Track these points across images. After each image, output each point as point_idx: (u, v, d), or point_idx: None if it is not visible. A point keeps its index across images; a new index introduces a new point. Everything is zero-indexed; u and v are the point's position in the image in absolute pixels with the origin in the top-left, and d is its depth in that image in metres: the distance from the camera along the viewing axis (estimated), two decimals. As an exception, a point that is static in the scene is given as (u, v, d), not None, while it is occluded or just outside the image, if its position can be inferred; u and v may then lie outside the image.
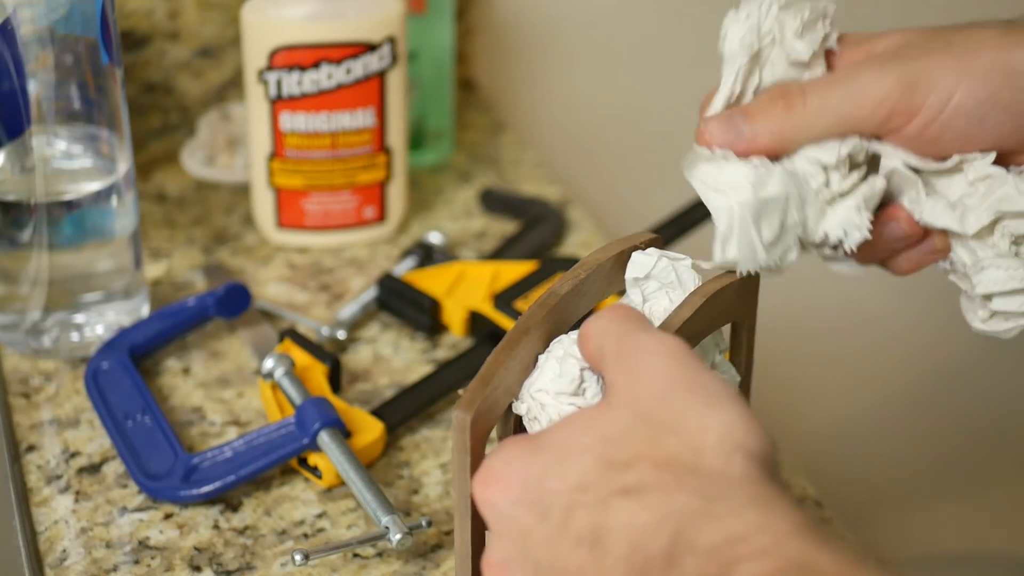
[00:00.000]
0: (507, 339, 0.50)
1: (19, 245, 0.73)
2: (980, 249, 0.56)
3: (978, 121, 0.54)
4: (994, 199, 0.55)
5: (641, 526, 0.41)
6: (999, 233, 0.56)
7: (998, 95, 0.53)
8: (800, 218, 0.55)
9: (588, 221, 0.93)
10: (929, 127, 0.54)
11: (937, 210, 0.56)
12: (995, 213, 0.55)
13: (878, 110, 0.54)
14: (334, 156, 0.85)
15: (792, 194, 0.54)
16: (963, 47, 0.54)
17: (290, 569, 0.62)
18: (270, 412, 0.71)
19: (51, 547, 0.63)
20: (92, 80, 0.71)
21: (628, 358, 0.46)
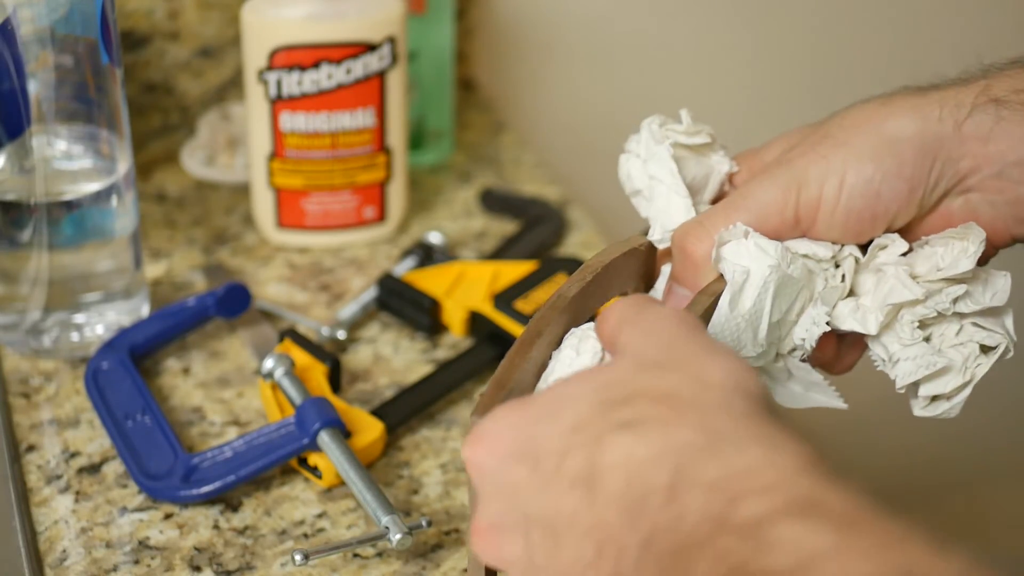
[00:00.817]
0: (520, 342, 0.50)
1: (19, 245, 0.73)
2: (889, 343, 0.57)
3: (874, 196, 0.56)
4: (882, 296, 0.56)
5: (639, 460, 0.40)
6: (900, 323, 0.57)
7: (884, 167, 0.55)
8: (798, 313, 0.56)
9: (588, 221, 0.93)
10: (834, 215, 0.56)
11: (842, 315, 0.57)
12: (886, 309, 0.56)
13: (784, 216, 0.56)
14: (334, 156, 0.85)
15: (805, 284, 0.56)
16: (840, 134, 0.57)
17: (290, 569, 0.62)
18: (270, 412, 0.71)
19: (51, 547, 0.63)
20: (92, 80, 0.71)
21: (640, 322, 0.46)
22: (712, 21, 1.18)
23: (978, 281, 0.57)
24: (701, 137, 0.60)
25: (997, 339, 0.57)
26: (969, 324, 0.57)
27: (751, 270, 0.54)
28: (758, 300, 0.54)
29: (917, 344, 0.56)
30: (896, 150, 0.55)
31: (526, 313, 0.77)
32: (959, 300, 0.56)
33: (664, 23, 1.16)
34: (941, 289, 0.56)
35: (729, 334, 0.54)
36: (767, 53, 1.20)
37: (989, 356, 0.57)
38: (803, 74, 1.21)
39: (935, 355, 0.56)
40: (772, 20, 1.19)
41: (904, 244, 0.57)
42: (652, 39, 1.16)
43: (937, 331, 0.57)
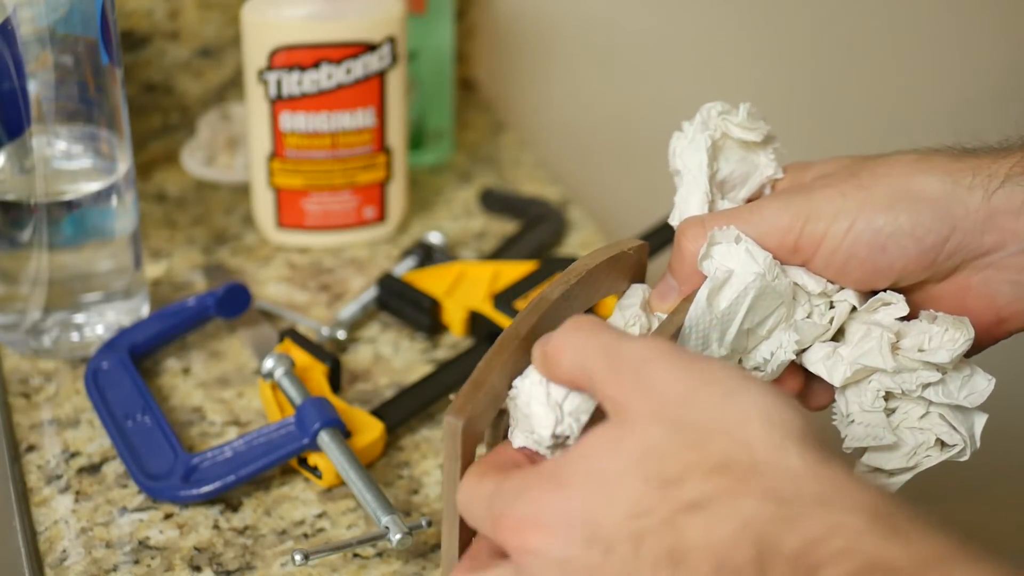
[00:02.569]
0: (498, 344, 0.50)
1: (19, 245, 0.73)
2: (850, 402, 0.56)
3: (879, 249, 0.54)
4: (858, 353, 0.55)
5: (720, 539, 0.40)
6: (867, 387, 0.56)
7: (897, 222, 0.54)
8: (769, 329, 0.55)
9: (588, 221, 0.93)
10: (835, 255, 0.55)
11: (814, 357, 0.56)
12: (856, 367, 0.55)
13: (785, 240, 0.55)
14: (334, 156, 0.85)
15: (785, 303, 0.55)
16: (867, 177, 0.55)
17: (290, 569, 0.62)
18: (270, 412, 0.71)
19: (51, 547, 0.63)
20: (92, 80, 0.71)
21: (626, 371, 0.44)
22: (713, 21, 1.18)
23: (960, 375, 0.55)
24: (752, 135, 0.59)
25: (956, 439, 0.55)
26: (936, 414, 0.55)
27: (735, 272, 0.54)
28: (735, 302, 0.54)
29: (875, 413, 0.55)
30: (915, 208, 0.54)
31: (526, 313, 0.77)
32: (929, 387, 0.55)
33: (664, 23, 1.16)
34: (915, 370, 0.55)
35: (701, 329, 0.54)
36: (768, 53, 1.20)
37: (943, 452, 0.55)
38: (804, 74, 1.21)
39: (887, 431, 0.55)
40: (773, 20, 1.19)
41: (905, 308, 0.55)
42: (652, 39, 1.16)
43: (903, 408, 0.56)
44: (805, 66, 1.21)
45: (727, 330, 0.54)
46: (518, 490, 0.44)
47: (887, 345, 0.55)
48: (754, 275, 0.54)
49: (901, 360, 0.55)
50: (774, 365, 0.55)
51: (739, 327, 0.54)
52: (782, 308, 0.55)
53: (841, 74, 1.23)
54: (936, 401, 0.55)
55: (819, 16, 1.20)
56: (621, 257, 0.55)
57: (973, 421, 0.56)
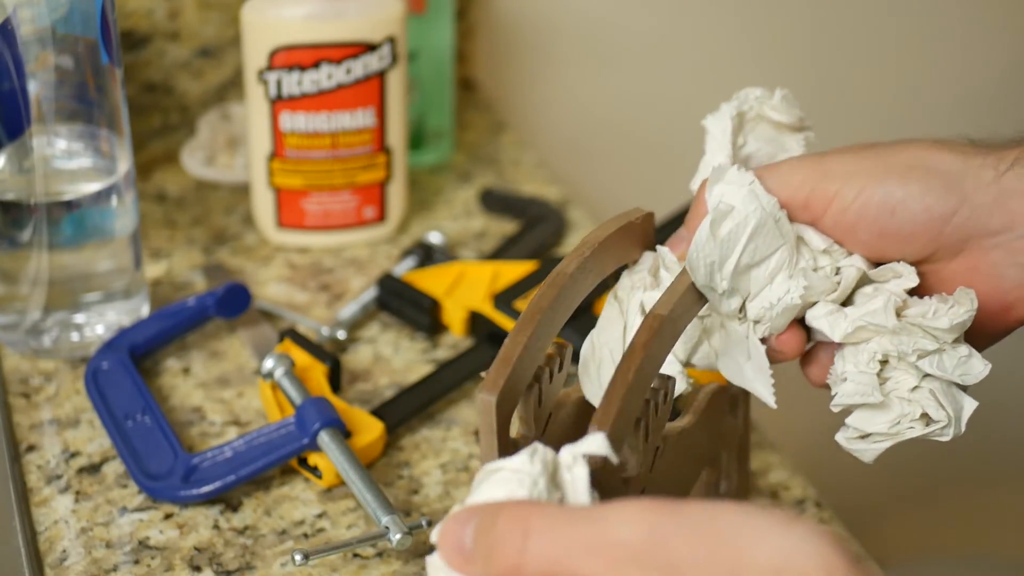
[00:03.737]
0: (523, 319, 0.51)
1: (19, 245, 0.73)
2: (846, 361, 0.57)
3: (889, 212, 0.55)
4: (863, 311, 0.56)
5: None
6: (864, 349, 0.56)
7: (911, 187, 0.55)
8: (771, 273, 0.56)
9: (588, 221, 0.93)
10: (844, 215, 0.55)
11: (818, 313, 0.57)
12: (859, 324, 0.55)
13: (797, 194, 0.56)
14: (334, 156, 0.85)
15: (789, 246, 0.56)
16: (884, 149, 0.56)
17: (290, 569, 0.62)
18: (270, 412, 0.71)
19: (51, 547, 0.63)
20: (92, 80, 0.71)
21: (627, 559, 0.39)
22: (713, 21, 1.18)
23: (957, 353, 0.56)
24: (783, 116, 0.61)
25: (941, 416, 0.56)
26: (927, 389, 0.56)
27: (736, 207, 0.55)
28: (735, 230, 0.54)
29: (868, 374, 0.56)
30: (926, 178, 0.55)
31: (526, 313, 0.77)
32: (926, 357, 0.55)
33: (664, 23, 1.16)
34: (914, 335, 0.55)
35: (704, 257, 0.54)
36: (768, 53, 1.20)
37: (927, 427, 0.56)
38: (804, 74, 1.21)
39: (876, 390, 0.56)
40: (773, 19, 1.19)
41: (915, 279, 0.56)
42: (652, 39, 1.16)
43: (896, 378, 0.56)
44: (805, 66, 1.21)
45: (727, 259, 0.55)
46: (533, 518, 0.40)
47: (892, 306, 0.55)
48: (756, 206, 0.54)
49: (902, 322, 0.55)
50: (779, 309, 0.56)
51: (739, 259, 0.55)
52: (784, 251, 0.55)
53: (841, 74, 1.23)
54: (930, 372, 0.55)
55: (819, 16, 1.20)
56: (629, 227, 0.57)
57: (963, 404, 0.56)
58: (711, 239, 0.54)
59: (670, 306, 0.53)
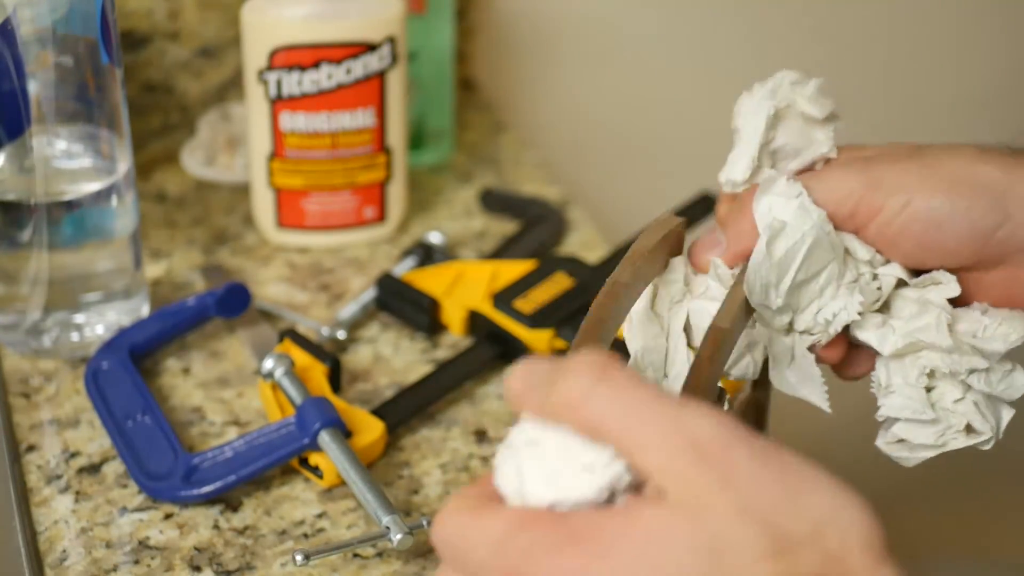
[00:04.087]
0: (584, 331, 0.50)
1: (19, 245, 0.73)
2: (893, 374, 0.57)
3: (935, 226, 0.55)
4: (914, 327, 0.56)
5: None
6: (913, 362, 0.57)
7: (956, 203, 0.55)
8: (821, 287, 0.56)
9: (588, 221, 0.93)
10: (890, 226, 0.56)
11: (866, 325, 0.57)
12: (910, 340, 0.56)
13: (844, 204, 0.56)
14: (334, 156, 0.85)
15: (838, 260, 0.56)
16: (932, 158, 0.57)
17: (290, 569, 0.62)
18: (270, 412, 0.71)
19: (51, 547, 0.63)
20: (92, 80, 0.71)
21: (695, 451, 0.38)
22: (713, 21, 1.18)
23: (1002, 368, 0.57)
24: (816, 110, 0.60)
25: (985, 429, 0.57)
26: (971, 400, 0.57)
27: (788, 223, 0.55)
28: (792, 249, 0.55)
29: (918, 388, 0.57)
30: (973, 192, 0.55)
31: (525, 312, 0.77)
32: (974, 373, 0.56)
33: (664, 23, 1.16)
34: (967, 354, 0.56)
35: (762, 276, 0.55)
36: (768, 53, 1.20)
37: (969, 437, 0.57)
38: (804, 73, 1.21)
39: (927, 407, 0.56)
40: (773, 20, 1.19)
41: (957, 289, 0.57)
42: (652, 39, 1.16)
43: (940, 388, 0.57)
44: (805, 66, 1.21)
45: (783, 278, 0.55)
46: (547, 547, 0.38)
47: (945, 323, 0.56)
48: (811, 224, 0.55)
49: (955, 341, 0.56)
50: (837, 326, 0.56)
51: (794, 277, 0.55)
52: (834, 265, 0.56)
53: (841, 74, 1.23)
54: (976, 387, 0.56)
55: (819, 16, 1.20)
56: (670, 234, 0.57)
57: (1002, 414, 0.58)
58: (768, 259, 0.55)
59: (731, 319, 0.53)
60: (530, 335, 0.76)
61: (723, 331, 0.53)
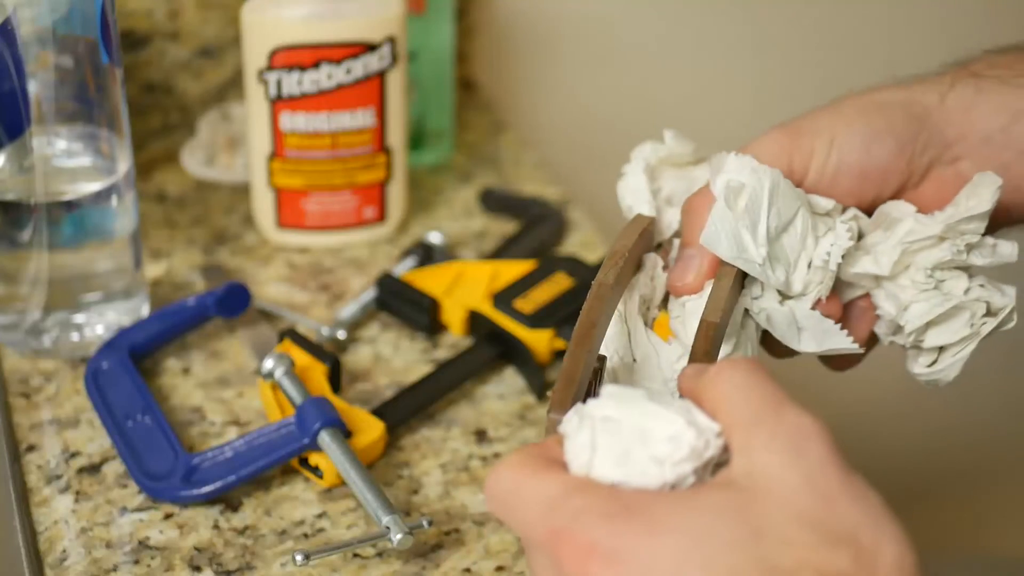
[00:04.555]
0: (578, 336, 0.52)
1: (19, 245, 0.73)
2: (902, 291, 0.59)
3: (865, 151, 0.59)
4: (897, 237, 0.59)
5: None
6: (915, 269, 0.59)
7: (872, 124, 0.59)
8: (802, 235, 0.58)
9: (588, 221, 0.93)
10: (826, 167, 0.59)
11: (854, 260, 0.59)
12: (902, 247, 0.58)
13: (780, 160, 0.59)
14: (334, 156, 0.85)
15: (805, 207, 0.58)
16: (838, 101, 0.61)
17: (290, 569, 0.62)
18: (270, 412, 0.71)
19: (51, 547, 0.63)
20: (92, 80, 0.71)
21: (784, 436, 0.41)
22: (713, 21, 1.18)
23: (986, 246, 0.59)
24: (683, 155, 0.64)
25: (1003, 300, 0.59)
26: (977, 285, 0.59)
27: (745, 182, 0.57)
28: (754, 196, 0.57)
29: (930, 288, 0.59)
30: (885, 111, 0.59)
31: (525, 312, 0.77)
32: (973, 249, 0.58)
33: (664, 23, 1.16)
34: (961, 229, 0.58)
35: (728, 231, 0.56)
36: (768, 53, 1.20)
37: (995, 317, 0.59)
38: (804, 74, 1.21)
39: (947, 297, 0.59)
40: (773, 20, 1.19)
41: (910, 207, 0.60)
42: (652, 39, 1.16)
43: (947, 284, 0.59)
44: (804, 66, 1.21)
45: (757, 225, 0.56)
46: (599, 513, 0.40)
47: (923, 216, 0.59)
48: (767, 174, 0.57)
49: (943, 223, 0.58)
50: (836, 258, 0.58)
51: (768, 222, 0.56)
52: (804, 212, 0.58)
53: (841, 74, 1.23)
54: (980, 263, 0.59)
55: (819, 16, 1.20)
56: (644, 232, 0.59)
57: (1010, 292, 0.60)
58: (728, 212, 0.56)
59: (720, 313, 0.54)
60: (530, 335, 0.76)
61: (714, 325, 0.54)
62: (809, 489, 0.39)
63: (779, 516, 0.39)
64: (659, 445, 0.42)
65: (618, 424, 0.43)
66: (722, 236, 0.56)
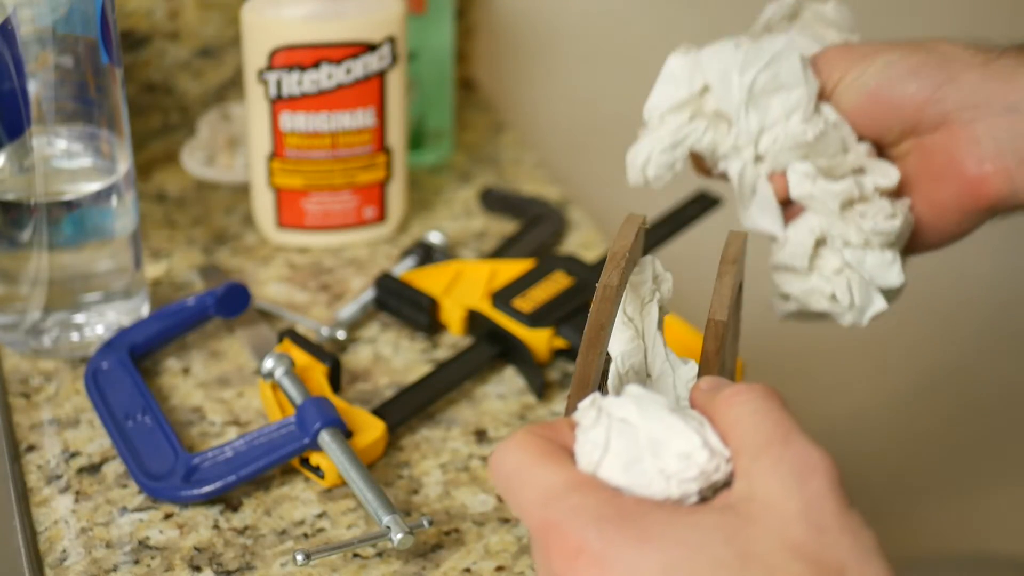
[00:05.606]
0: (588, 340, 0.53)
1: (19, 245, 0.73)
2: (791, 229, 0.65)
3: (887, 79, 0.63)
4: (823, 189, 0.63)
5: None
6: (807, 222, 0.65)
7: (911, 57, 0.62)
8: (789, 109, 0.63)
9: (588, 221, 0.93)
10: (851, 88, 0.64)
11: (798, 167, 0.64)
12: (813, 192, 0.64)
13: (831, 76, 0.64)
14: (334, 156, 0.85)
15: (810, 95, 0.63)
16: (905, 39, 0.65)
17: (290, 569, 0.62)
18: (270, 412, 0.71)
19: (51, 547, 0.63)
20: (92, 80, 0.71)
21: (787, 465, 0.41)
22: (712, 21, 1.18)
23: (883, 258, 0.63)
24: (835, 16, 0.70)
25: (844, 301, 0.64)
26: (845, 276, 0.64)
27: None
28: (759, 47, 0.64)
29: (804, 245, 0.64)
30: (927, 53, 0.62)
31: (525, 311, 0.77)
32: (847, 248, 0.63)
33: (664, 23, 1.16)
34: (849, 225, 0.63)
35: (723, 60, 0.63)
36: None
37: (830, 304, 0.64)
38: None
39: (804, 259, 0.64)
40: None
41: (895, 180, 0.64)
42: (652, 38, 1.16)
43: (825, 256, 0.64)
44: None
45: (747, 69, 0.63)
46: (595, 515, 0.40)
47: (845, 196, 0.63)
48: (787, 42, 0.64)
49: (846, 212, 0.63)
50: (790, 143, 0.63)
51: (757, 73, 0.63)
52: (804, 94, 0.63)
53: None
54: (849, 263, 0.63)
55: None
56: (639, 233, 0.59)
57: (873, 302, 0.64)
58: (735, 49, 0.62)
59: (726, 311, 0.55)
60: (529, 334, 0.76)
61: (722, 324, 0.55)
62: (804, 519, 0.40)
63: (770, 543, 0.39)
64: (671, 460, 0.42)
65: (634, 429, 0.43)
66: (715, 64, 0.63)
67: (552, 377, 0.76)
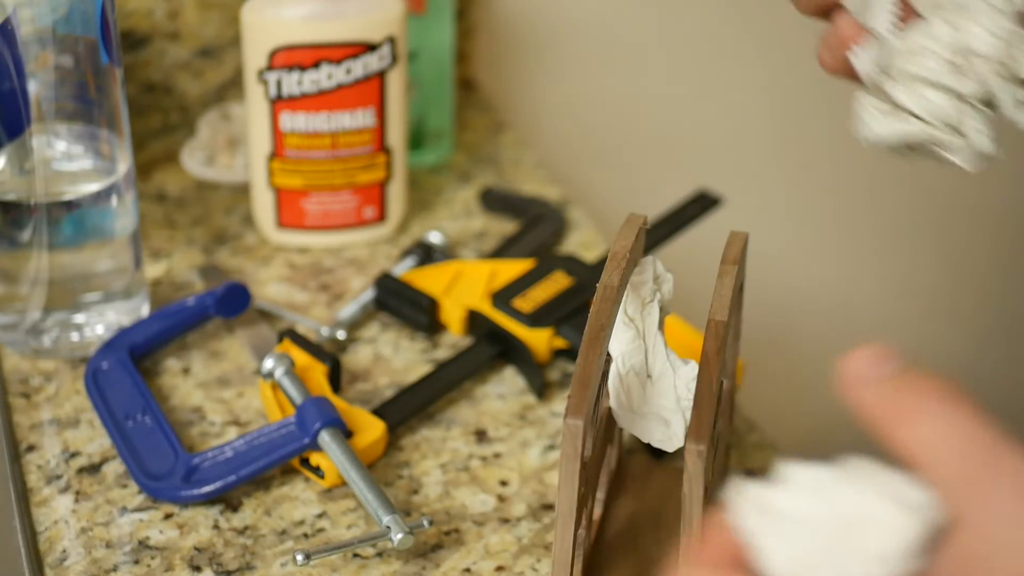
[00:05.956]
0: (588, 339, 0.53)
1: (19, 245, 0.73)
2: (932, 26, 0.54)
3: None
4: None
5: None
6: (945, 29, 0.53)
7: None
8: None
9: (588, 221, 0.93)
10: None
11: None
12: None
13: None
14: (334, 156, 0.85)
15: None
16: None
17: (290, 569, 0.62)
18: (270, 412, 0.71)
19: (51, 547, 0.63)
20: (92, 80, 0.71)
21: (1006, 490, 0.36)
22: (712, 21, 1.18)
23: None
24: None
25: (969, 135, 0.53)
26: (981, 114, 0.53)
27: None
28: None
29: (945, 59, 0.53)
30: None
31: (525, 311, 0.77)
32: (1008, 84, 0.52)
33: (664, 23, 1.16)
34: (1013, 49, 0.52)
35: None
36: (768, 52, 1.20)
37: (951, 136, 0.53)
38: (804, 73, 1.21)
39: (948, 76, 0.53)
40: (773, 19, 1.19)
41: None
42: (652, 39, 1.16)
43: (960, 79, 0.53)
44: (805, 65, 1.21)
45: None
46: None
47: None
48: None
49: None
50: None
51: None
52: None
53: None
54: (1000, 96, 0.53)
55: (819, 16, 1.20)
56: (639, 233, 0.59)
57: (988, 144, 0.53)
58: None
59: (726, 311, 0.55)
60: (529, 334, 0.76)
61: (723, 324, 0.55)
62: None
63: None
64: (873, 543, 0.36)
65: (815, 524, 0.37)
66: None
67: (552, 377, 0.76)
